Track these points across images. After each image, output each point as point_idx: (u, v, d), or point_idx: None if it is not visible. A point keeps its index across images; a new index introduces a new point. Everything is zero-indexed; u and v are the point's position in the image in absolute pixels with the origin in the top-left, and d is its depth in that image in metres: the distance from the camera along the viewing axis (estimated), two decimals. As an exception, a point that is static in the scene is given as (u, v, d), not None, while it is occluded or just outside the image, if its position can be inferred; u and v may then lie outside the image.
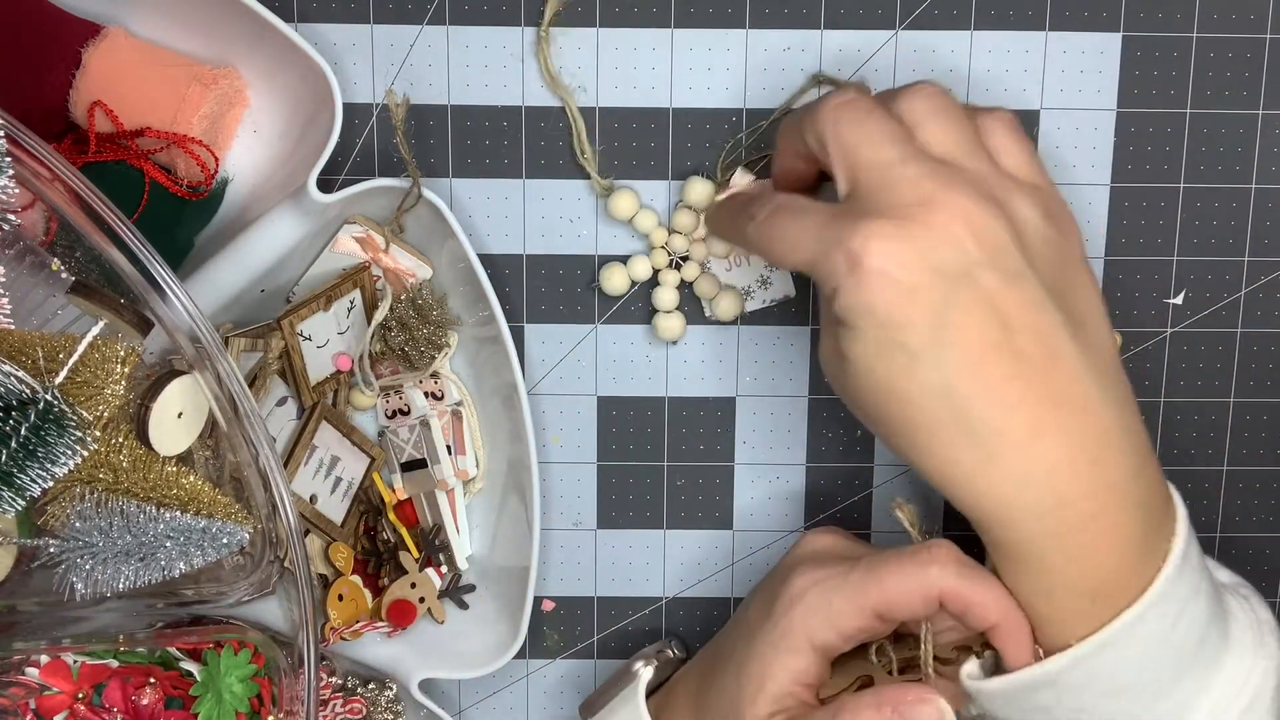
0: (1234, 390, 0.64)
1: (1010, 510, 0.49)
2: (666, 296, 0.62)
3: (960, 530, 0.54)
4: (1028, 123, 0.61)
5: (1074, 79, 0.61)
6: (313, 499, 0.61)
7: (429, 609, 0.63)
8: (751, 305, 0.63)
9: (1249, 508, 0.65)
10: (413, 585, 0.63)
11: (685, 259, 0.62)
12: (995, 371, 0.48)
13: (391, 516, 0.64)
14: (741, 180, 0.61)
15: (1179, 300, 0.63)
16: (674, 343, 0.63)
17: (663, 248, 0.62)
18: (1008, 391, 0.48)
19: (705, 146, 0.61)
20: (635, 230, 0.62)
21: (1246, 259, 0.63)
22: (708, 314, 0.63)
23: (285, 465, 0.59)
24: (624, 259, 0.62)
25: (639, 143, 0.61)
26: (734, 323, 0.63)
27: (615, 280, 0.62)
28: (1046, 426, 0.48)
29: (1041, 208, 0.51)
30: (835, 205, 0.50)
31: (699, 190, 0.61)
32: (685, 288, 0.62)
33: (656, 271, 0.62)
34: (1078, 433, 0.49)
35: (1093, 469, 0.49)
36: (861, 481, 0.65)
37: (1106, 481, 0.49)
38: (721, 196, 0.60)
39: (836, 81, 0.61)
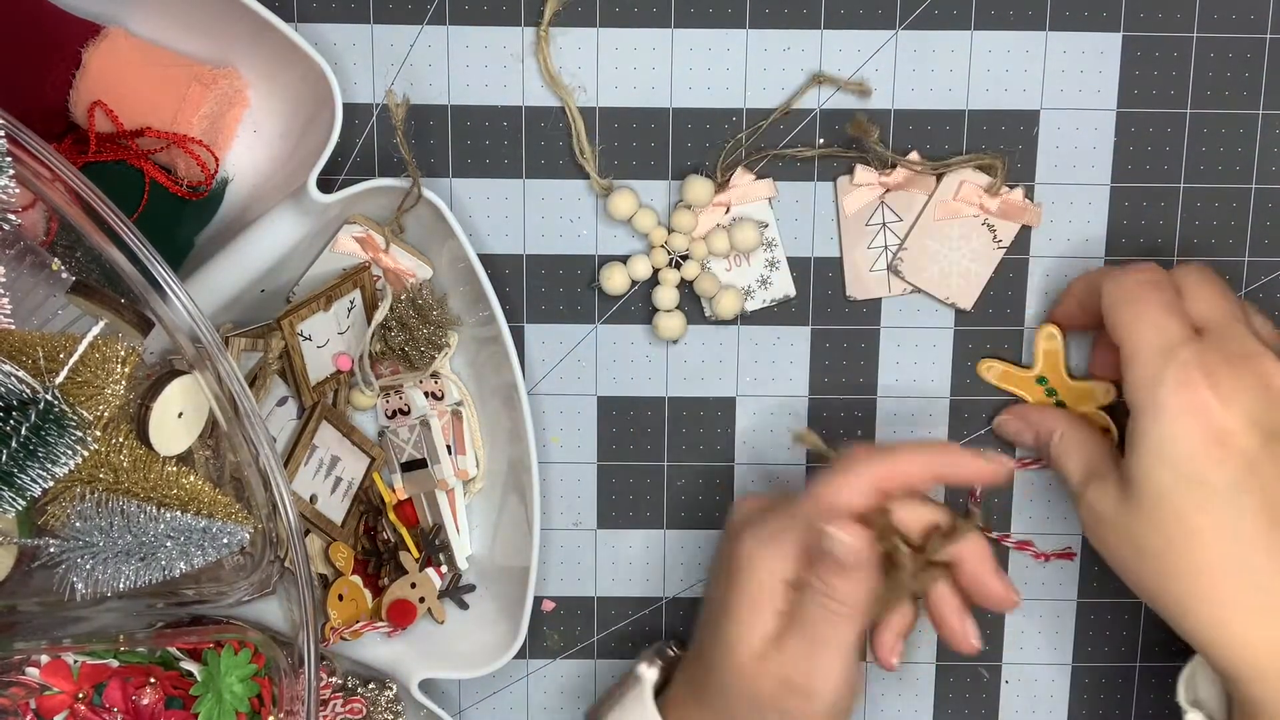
0: (1234, 390, 0.64)
1: (1269, 669, 0.52)
2: (666, 295, 0.62)
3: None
4: (1028, 123, 0.61)
5: (1074, 79, 0.61)
6: (313, 499, 0.61)
7: (429, 609, 0.63)
8: (752, 305, 0.63)
9: (1249, 508, 0.65)
10: (413, 585, 0.63)
11: (685, 258, 0.62)
12: None
13: (391, 516, 0.64)
14: (742, 180, 0.61)
15: (1179, 300, 0.63)
16: (674, 342, 0.63)
17: (662, 247, 0.62)
18: None
19: (705, 146, 0.61)
20: (634, 230, 0.62)
21: (1246, 259, 0.63)
22: (708, 313, 0.63)
23: (285, 465, 0.59)
24: (624, 258, 0.62)
25: (639, 143, 0.61)
26: (734, 322, 0.63)
27: (615, 280, 0.62)
28: None
29: None
30: (1191, 325, 0.54)
31: (698, 189, 0.61)
32: (685, 287, 0.62)
33: (656, 271, 0.62)
34: None
35: None
36: (861, 481, 0.65)
37: None
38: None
39: (837, 81, 0.61)
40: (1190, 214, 0.62)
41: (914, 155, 0.61)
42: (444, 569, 0.64)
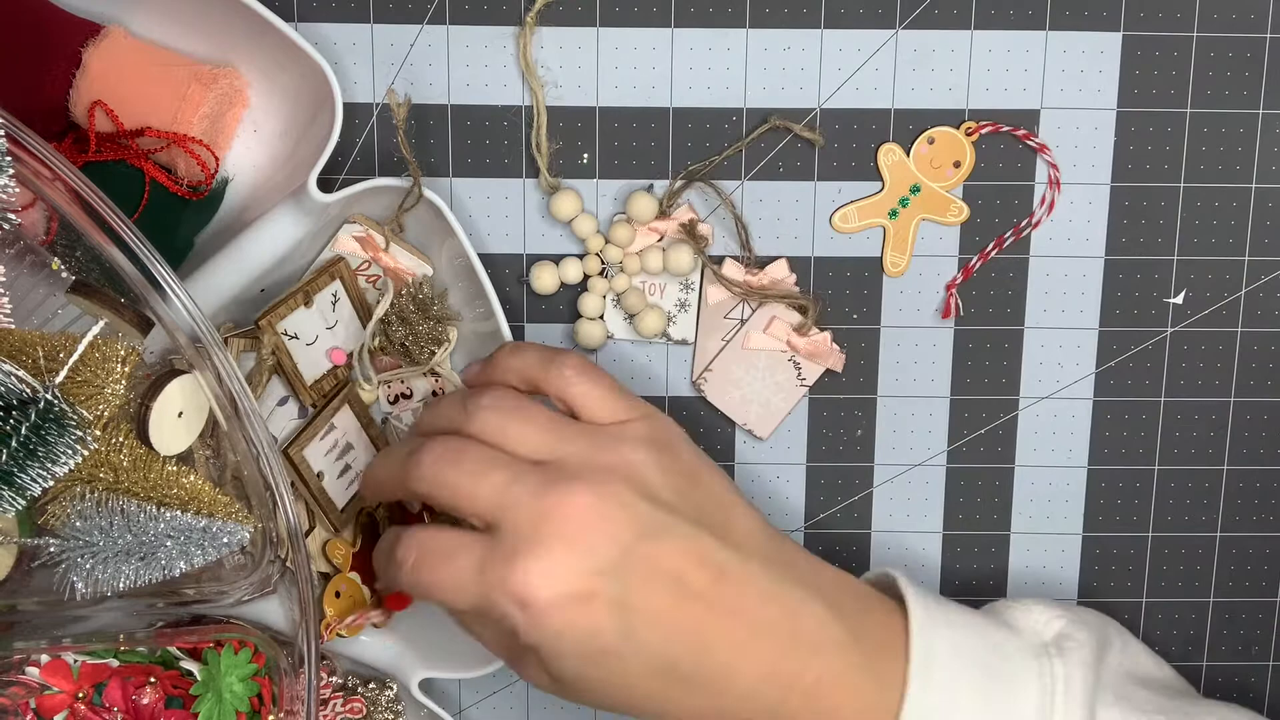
0: (1234, 390, 0.64)
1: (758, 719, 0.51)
2: (591, 303, 0.62)
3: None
4: (1028, 122, 0.61)
5: (1074, 79, 0.61)
6: (320, 476, 0.61)
7: None
8: (673, 331, 0.63)
9: (1249, 508, 0.65)
10: None
11: (622, 269, 0.62)
12: (691, 622, 0.50)
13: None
14: (681, 216, 0.61)
15: (1179, 300, 0.63)
16: (595, 351, 0.63)
17: (596, 255, 0.62)
18: (707, 632, 0.50)
19: (705, 146, 0.61)
20: (574, 233, 0.62)
21: (1246, 259, 0.63)
22: (627, 331, 0.63)
23: (301, 432, 0.59)
24: (557, 259, 0.62)
25: (639, 143, 0.61)
26: (660, 339, 0.63)
27: (544, 279, 0.62)
28: (746, 642, 0.51)
29: (647, 444, 0.53)
30: (480, 538, 0.50)
31: (641, 205, 0.61)
32: (617, 300, 0.63)
33: (587, 278, 0.62)
34: (768, 627, 0.51)
35: (796, 647, 0.51)
36: (861, 481, 0.65)
37: (813, 647, 0.51)
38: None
39: (792, 128, 0.61)
40: (1190, 214, 0.62)
41: (781, 264, 0.62)
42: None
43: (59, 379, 0.48)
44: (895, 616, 0.54)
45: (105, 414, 0.49)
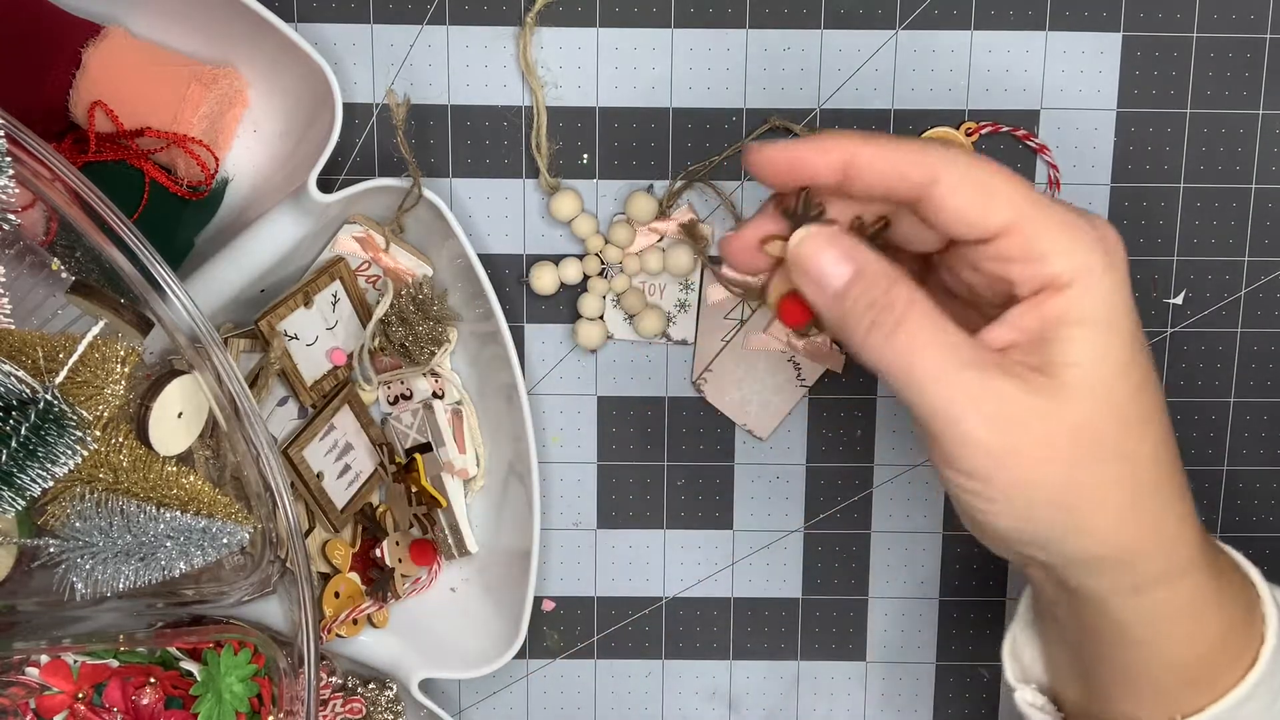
0: (1234, 390, 0.64)
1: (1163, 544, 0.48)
2: (591, 304, 0.62)
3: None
4: (1028, 122, 0.61)
5: (1074, 79, 0.61)
6: (320, 476, 0.61)
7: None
8: (673, 331, 0.63)
9: (1249, 508, 0.65)
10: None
11: (622, 269, 0.62)
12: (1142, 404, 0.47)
13: (424, 483, 0.63)
14: (681, 216, 0.61)
15: (1179, 300, 0.63)
16: (593, 351, 0.63)
17: (596, 255, 0.62)
18: (1150, 437, 0.48)
19: (705, 146, 0.61)
20: (574, 234, 0.62)
21: (1246, 259, 0.63)
22: (627, 331, 0.63)
23: (302, 433, 0.59)
24: (557, 259, 0.62)
25: (639, 143, 0.61)
26: (660, 339, 0.63)
27: (544, 280, 0.62)
28: (1156, 483, 0.48)
29: None
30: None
31: (641, 205, 0.61)
32: (616, 299, 0.63)
33: (587, 278, 0.62)
34: (1177, 485, 0.50)
35: (1189, 529, 0.50)
36: (861, 481, 0.65)
37: (1204, 546, 0.50)
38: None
39: (792, 128, 0.61)
40: (1190, 214, 0.62)
41: None
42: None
43: (59, 379, 0.48)
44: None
45: (105, 414, 0.49)
